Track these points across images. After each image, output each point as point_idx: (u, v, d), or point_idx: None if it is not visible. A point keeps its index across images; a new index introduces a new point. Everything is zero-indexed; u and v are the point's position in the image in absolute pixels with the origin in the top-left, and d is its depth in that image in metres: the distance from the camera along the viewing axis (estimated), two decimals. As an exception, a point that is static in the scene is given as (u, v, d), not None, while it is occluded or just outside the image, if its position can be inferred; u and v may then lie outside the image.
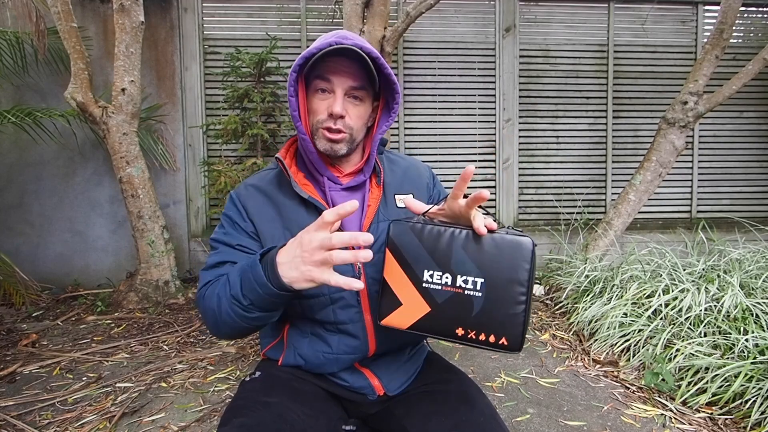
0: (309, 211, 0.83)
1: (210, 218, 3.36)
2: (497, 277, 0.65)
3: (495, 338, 0.65)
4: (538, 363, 1.94)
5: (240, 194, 0.87)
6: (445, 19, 3.42)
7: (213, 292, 0.75)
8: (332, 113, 0.80)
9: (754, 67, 2.68)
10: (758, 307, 1.83)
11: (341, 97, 0.80)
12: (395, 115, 0.86)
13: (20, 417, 1.53)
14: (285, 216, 0.84)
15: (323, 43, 0.76)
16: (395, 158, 0.98)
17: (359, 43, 0.77)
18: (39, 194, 3.18)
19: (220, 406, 1.60)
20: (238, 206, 0.86)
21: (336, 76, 0.79)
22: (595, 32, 3.53)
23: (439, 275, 0.67)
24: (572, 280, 2.52)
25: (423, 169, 0.98)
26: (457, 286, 0.66)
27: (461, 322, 0.67)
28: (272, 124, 3.15)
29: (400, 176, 0.93)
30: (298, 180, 0.85)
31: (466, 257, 0.66)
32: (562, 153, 3.57)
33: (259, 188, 0.87)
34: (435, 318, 0.68)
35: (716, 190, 3.67)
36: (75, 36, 2.56)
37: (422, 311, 0.68)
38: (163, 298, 2.78)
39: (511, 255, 0.65)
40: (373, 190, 0.88)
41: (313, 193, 0.84)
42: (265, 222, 0.84)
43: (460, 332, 0.67)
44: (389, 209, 0.87)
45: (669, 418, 1.50)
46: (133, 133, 2.70)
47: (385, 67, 0.79)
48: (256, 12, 3.34)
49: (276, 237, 0.83)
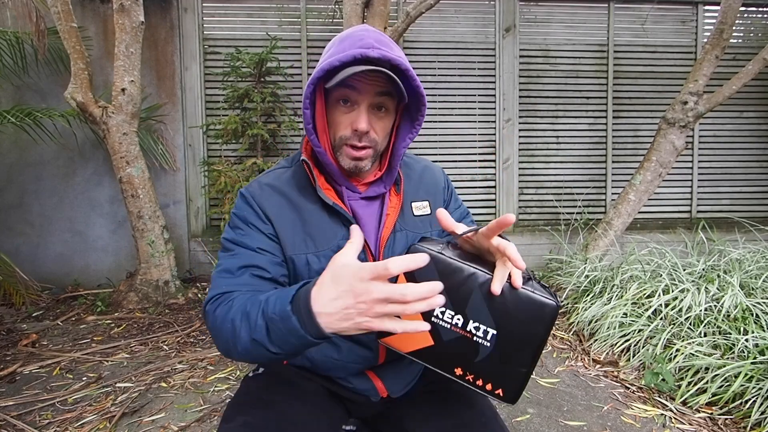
0: (332, 218, 0.79)
1: (210, 218, 3.36)
2: (511, 333, 0.62)
3: (492, 387, 0.64)
4: (538, 363, 1.94)
5: (254, 194, 0.80)
6: (445, 19, 3.42)
7: (227, 318, 0.65)
8: (357, 129, 0.73)
9: (754, 67, 2.68)
10: (758, 307, 1.83)
11: (366, 110, 0.74)
12: (419, 127, 0.80)
13: (20, 417, 1.53)
14: (307, 221, 0.79)
15: (346, 55, 0.68)
16: (410, 161, 0.93)
17: (387, 54, 0.69)
18: (39, 194, 3.18)
19: (220, 406, 1.60)
20: (254, 206, 0.80)
21: (362, 85, 0.72)
22: (595, 32, 3.53)
23: (450, 315, 0.63)
24: (572, 280, 2.52)
25: (439, 174, 0.94)
26: (467, 330, 0.63)
27: (462, 364, 0.65)
28: (272, 124, 3.15)
29: (416, 182, 0.89)
30: (322, 184, 0.79)
31: (483, 305, 0.62)
32: (562, 153, 3.57)
33: (277, 188, 0.81)
34: (436, 353, 0.65)
35: (716, 190, 3.67)
36: (75, 36, 2.56)
37: (425, 343, 0.65)
38: (163, 298, 2.78)
39: (531, 316, 0.61)
40: (392, 199, 0.84)
41: (336, 200, 0.79)
42: (286, 225, 0.79)
43: (458, 372, 0.65)
44: (406, 219, 0.85)
45: (669, 418, 1.50)
46: (133, 133, 2.70)
47: (414, 79, 0.73)
48: (256, 12, 3.34)
49: (297, 243, 0.79)
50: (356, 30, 0.75)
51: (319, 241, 0.79)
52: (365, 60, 0.68)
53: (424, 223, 0.87)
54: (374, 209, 0.84)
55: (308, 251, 0.78)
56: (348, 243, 0.57)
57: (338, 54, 0.69)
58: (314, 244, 0.79)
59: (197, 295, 2.92)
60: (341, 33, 0.77)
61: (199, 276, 3.27)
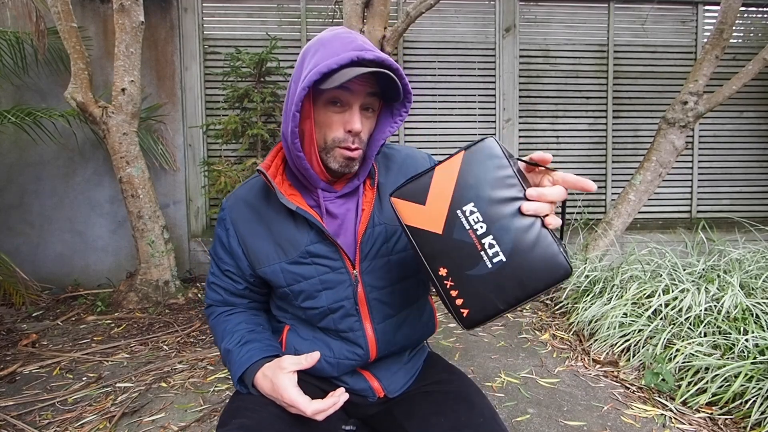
0: (297, 224, 0.80)
1: (210, 218, 3.36)
2: (517, 270, 0.59)
3: (462, 303, 0.61)
4: (538, 363, 1.94)
5: (231, 209, 0.86)
6: (445, 19, 3.42)
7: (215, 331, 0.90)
8: (352, 131, 0.73)
9: (754, 67, 2.68)
10: (758, 307, 1.83)
11: (359, 111, 0.74)
12: (401, 122, 0.80)
13: (20, 417, 1.53)
14: (274, 231, 0.81)
15: (343, 58, 0.67)
16: (391, 152, 0.91)
17: (379, 55, 0.70)
18: (39, 194, 3.18)
19: (220, 406, 1.60)
20: (227, 223, 0.85)
21: (356, 86, 0.72)
22: (595, 32, 3.53)
23: (477, 219, 0.59)
24: (572, 280, 2.52)
25: (422, 162, 0.91)
26: (481, 242, 0.59)
27: (451, 267, 0.61)
28: (272, 124, 3.15)
29: (395, 172, 0.87)
30: (284, 190, 0.80)
31: (512, 229, 0.59)
32: (562, 153, 3.57)
33: (247, 201, 0.84)
34: (434, 243, 0.61)
35: (716, 190, 3.67)
36: (75, 36, 2.55)
37: (432, 227, 0.62)
38: (163, 298, 2.78)
39: (544, 267, 0.58)
40: (367, 193, 0.83)
41: (301, 204, 0.79)
42: (255, 239, 0.83)
43: (442, 272, 0.61)
44: (384, 212, 0.83)
45: (669, 418, 1.50)
46: (133, 133, 2.70)
47: (404, 77, 0.73)
48: (256, 12, 3.34)
49: (269, 254, 0.81)
50: (340, 32, 0.75)
51: (287, 249, 0.81)
52: (361, 62, 0.69)
53: None
54: (351, 205, 0.83)
55: (279, 260, 0.81)
56: (293, 363, 0.73)
57: (332, 56, 0.68)
58: (284, 252, 0.81)
59: (197, 295, 2.92)
60: (321, 36, 0.75)
61: (199, 276, 3.27)
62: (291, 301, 0.84)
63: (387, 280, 0.83)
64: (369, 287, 0.81)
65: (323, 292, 0.81)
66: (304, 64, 0.73)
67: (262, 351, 0.79)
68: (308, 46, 0.76)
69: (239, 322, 0.87)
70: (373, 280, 0.81)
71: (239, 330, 0.85)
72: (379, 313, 0.83)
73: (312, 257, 0.80)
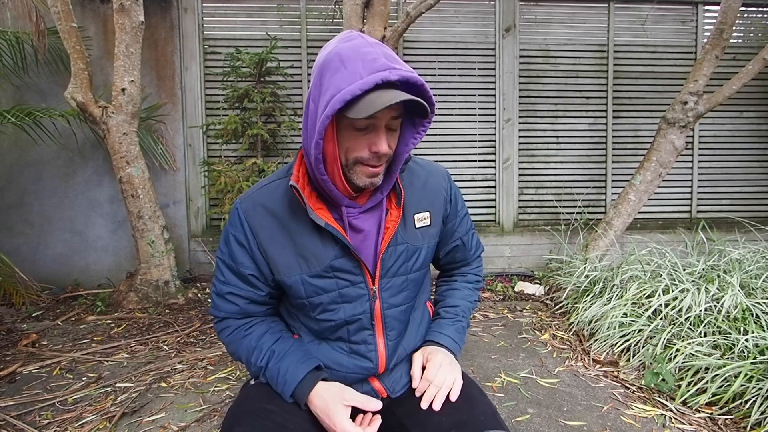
0: (323, 238, 0.79)
1: (210, 218, 3.36)
2: None
3: None
4: (538, 363, 1.94)
5: (248, 213, 0.81)
6: (445, 19, 3.42)
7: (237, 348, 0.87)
8: (378, 152, 0.71)
9: (754, 67, 2.68)
10: (758, 307, 1.83)
11: (384, 132, 0.71)
12: (424, 132, 0.78)
13: (20, 417, 1.53)
14: (298, 243, 0.80)
15: (366, 83, 0.63)
16: (415, 167, 0.90)
17: (404, 74, 0.66)
18: (39, 194, 3.18)
19: (220, 406, 1.60)
20: (245, 227, 0.81)
21: (382, 112, 0.67)
22: (595, 32, 3.53)
23: None
24: (572, 280, 2.52)
25: (443, 182, 0.91)
26: None
27: None
28: (272, 124, 3.15)
29: (419, 190, 0.87)
30: (312, 204, 0.77)
31: None
32: (562, 153, 3.57)
33: (267, 208, 0.81)
34: None
35: (716, 190, 3.67)
36: (75, 36, 2.55)
37: None
38: (163, 298, 2.78)
39: None
40: (393, 212, 0.82)
41: (328, 218, 0.77)
42: (277, 247, 0.80)
43: None
44: (408, 231, 0.84)
45: (669, 418, 1.50)
46: (133, 133, 2.70)
47: (428, 91, 0.70)
48: (256, 12, 3.34)
49: (290, 265, 0.80)
50: (359, 44, 0.69)
51: (311, 262, 0.80)
52: (386, 84, 0.66)
53: (424, 235, 0.87)
54: (374, 220, 0.83)
55: (302, 272, 0.80)
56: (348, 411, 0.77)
57: (355, 79, 0.64)
58: (307, 265, 0.80)
59: (197, 295, 2.92)
60: (339, 50, 0.68)
61: (199, 276, 3.27)
62: (307, 312, 0.84)
63: (403, 298, 0.86)
64: (386, 303, 0.83)
65: (342, 306, 0.82)
66: (323, 82, 0.68)
67: (302, 363, 0.82)
68: (326, 59, 0.69)
69: (263, 334, 0.86)
70: (390, 297, 0.83)
71: (266, 342, 0.84)
72: (393, 330, 0.85)
73: (335, 271, 0.80)
